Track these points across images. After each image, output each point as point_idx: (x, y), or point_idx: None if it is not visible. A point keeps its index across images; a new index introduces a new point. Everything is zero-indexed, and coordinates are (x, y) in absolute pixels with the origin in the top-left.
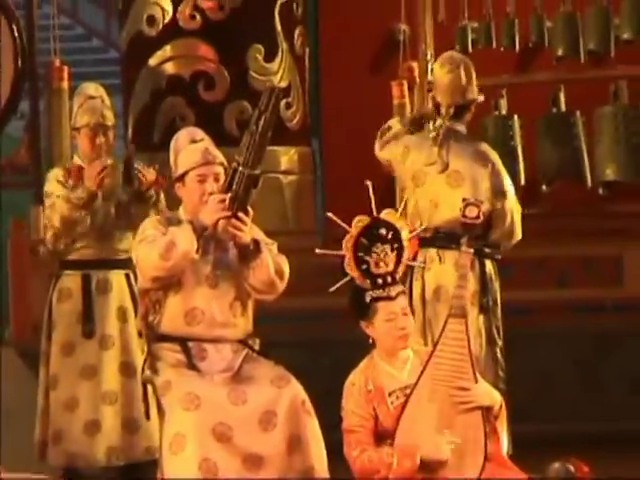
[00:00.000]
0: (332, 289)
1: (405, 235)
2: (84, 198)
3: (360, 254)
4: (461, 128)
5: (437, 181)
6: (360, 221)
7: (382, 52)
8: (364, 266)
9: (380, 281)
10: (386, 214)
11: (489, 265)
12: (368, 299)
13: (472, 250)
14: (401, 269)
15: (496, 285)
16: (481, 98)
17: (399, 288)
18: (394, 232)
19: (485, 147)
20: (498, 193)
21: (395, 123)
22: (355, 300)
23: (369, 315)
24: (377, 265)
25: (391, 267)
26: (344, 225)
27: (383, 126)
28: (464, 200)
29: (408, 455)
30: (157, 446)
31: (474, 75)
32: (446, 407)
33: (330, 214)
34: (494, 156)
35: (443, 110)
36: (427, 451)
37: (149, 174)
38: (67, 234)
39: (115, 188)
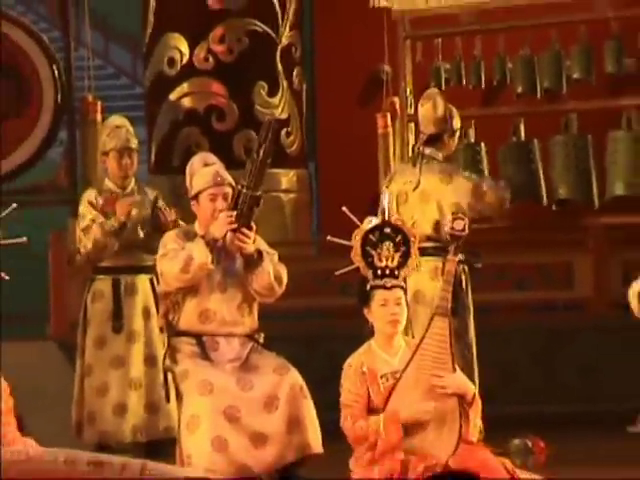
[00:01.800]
0: (338, 272)
1: (415, 244)
2: (116, 227)
3: (367, 248)
4: (435, 153)
5: (413, 199)
6: (371, 220)
7: (368, 88)
8: (369, 259)
9: (379, 272)
10: (396, 219)
11: (460, 272)
12: (368, 287)
13: (457, 258)
14: (405, 272)
15: (467, 290)
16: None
17: (396, 282)
18: (402, 236)
19: (451, 168)
20: (459, 210)
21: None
22: (360, 289)
23: (368, 301)
24: (380, 259)
25: (393, 263)
26: (355, 220)
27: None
28: (453, 214)
29: (392, 421)
30: (175, 426)
31: (450, 108)
32: (428, 392)
33: (344, 208)
34: (457, 175)
35: (420, 136)
36: (408, 414)
37: (170, 215)
38: (97, 256)
39: (140, 219)
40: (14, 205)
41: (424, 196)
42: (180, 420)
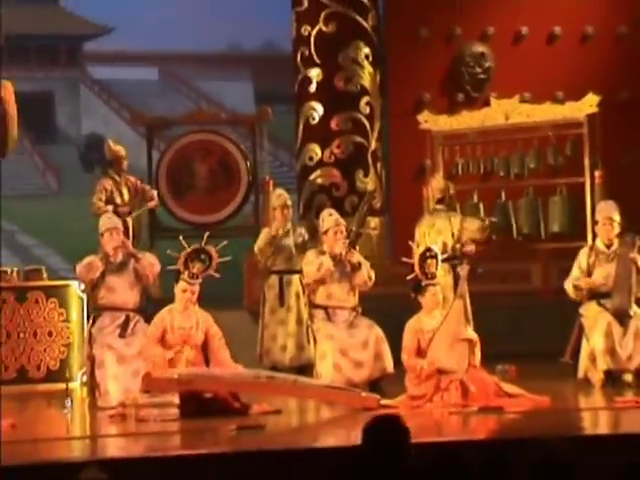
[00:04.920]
0: (409, 277)
1: (440, 258)
2: (266, 240)
3: (422, 262)
4: (442, 208)
5: (432, 233)
6: (422, 247)
7: (418, 173)
8: (423, 269)
9: (430, 276)
10: (435, 246)
11: (461, 272)
12: (423, 284)
13: (468, 267)
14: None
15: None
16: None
17: (437, 281)
18: (436, 255)
19: (450, 214)
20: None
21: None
22: (416, 285)
23: (424, 293)
24: (429, 269)
25: (434, 271)
26: (414, 247)
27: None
28: (465, 241)
29: (431, 363)
30: (313, 358)
31: (448, 183)
32: (452, 339)
33: (410, 242)
34: (454, 218)
35: (433, 198)
36: (441, 363)
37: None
38: (262, 257)
39: (293, 243)
40: (225, 242)
41: (437, 231)
42: (315, 354)
